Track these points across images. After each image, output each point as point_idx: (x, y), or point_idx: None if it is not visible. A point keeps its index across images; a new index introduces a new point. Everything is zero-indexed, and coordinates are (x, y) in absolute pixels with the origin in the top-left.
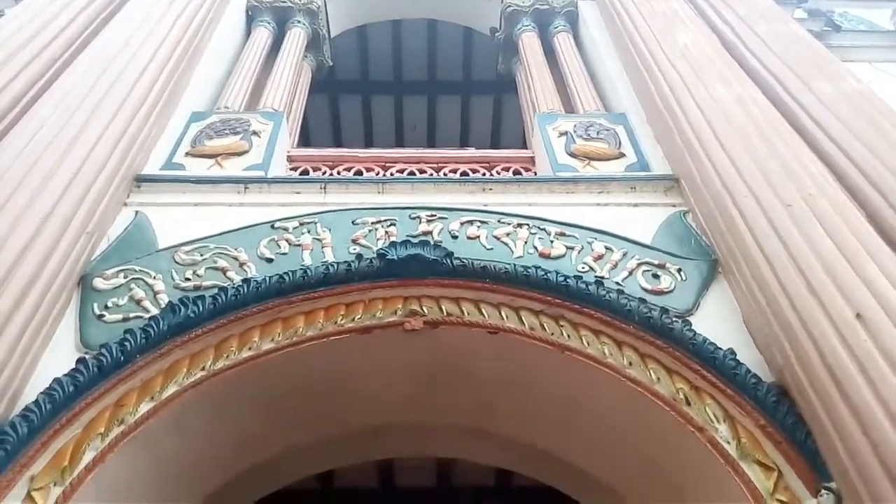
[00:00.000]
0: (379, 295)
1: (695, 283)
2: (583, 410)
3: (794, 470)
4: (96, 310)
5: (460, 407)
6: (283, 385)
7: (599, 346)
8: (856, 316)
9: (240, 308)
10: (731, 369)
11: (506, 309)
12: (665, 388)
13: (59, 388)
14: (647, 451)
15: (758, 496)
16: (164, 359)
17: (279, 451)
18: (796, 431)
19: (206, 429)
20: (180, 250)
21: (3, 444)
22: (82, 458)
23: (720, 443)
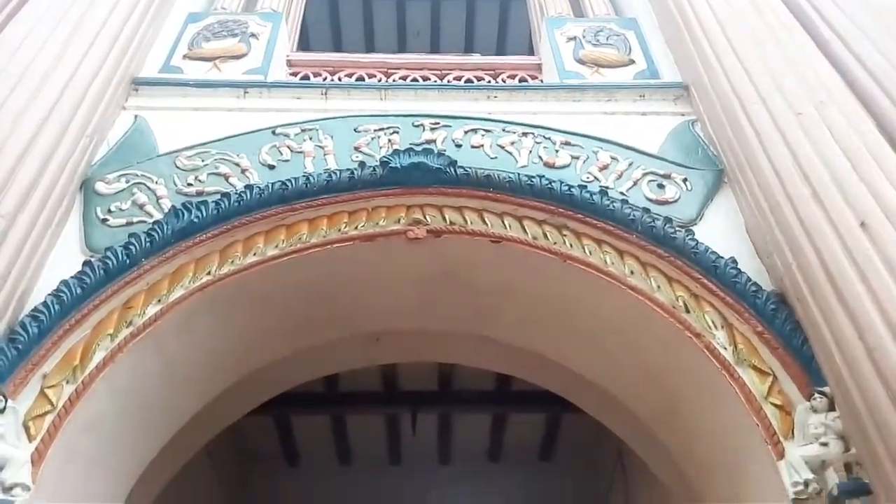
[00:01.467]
0: (382, 203)
1: (700, 194)
2: (583, 318)
3: (789, 375)
4: (99, 214)
5: (462, 314)
6: (288, 291)
7: (601, 256)
8: (860, 224)
9: (243, 214)
10: (732, 278)
11: (509, 218)
12: (665, 296)
13: (67, 290)
14: (644, 357)
15: (752, 399)
16: (170, 263)
17: (285, 354)
18: (793, 338)
19: (212, 332)
20: (181, 155)
21: (14, 343)
22: (93, 357)
23: (717, 348)
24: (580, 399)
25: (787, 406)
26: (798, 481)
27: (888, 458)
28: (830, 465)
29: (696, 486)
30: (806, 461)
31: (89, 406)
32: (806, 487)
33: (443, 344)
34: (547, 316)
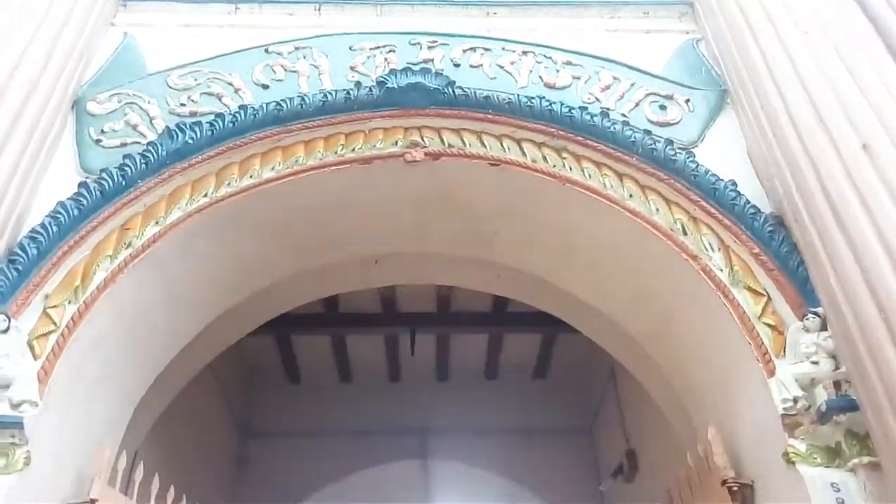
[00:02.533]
0: (379, 125)
1: (702, 115)
2: (581, 241)
3: (783, 295)
4: (93, 134)
5: (460, 237)
6: (286, 213)
7: (601, 178)
8: (862, 146)
9: (238, 135)
10: (731, 200)
11: (508, 140)
12: (663, 219)
13: (64, 211)
14: (640, 279)
15: (745, 320)
16: (166, 184)
17: (284, 276)
18: (789, 259)
19: (211, 254)
20: (173, 74)
21: (14, 264)
22: (93, 278)
23: (713, 270)
24: (575, 319)
25: (779, 326)
26: (787, 398)
27: (877, 376)
28: (820, 383)
29: (686, 402)
30: (796, 379)
31: (92, 326)
32: (795, 404)
33: (441, 266)
34: (544, 239)
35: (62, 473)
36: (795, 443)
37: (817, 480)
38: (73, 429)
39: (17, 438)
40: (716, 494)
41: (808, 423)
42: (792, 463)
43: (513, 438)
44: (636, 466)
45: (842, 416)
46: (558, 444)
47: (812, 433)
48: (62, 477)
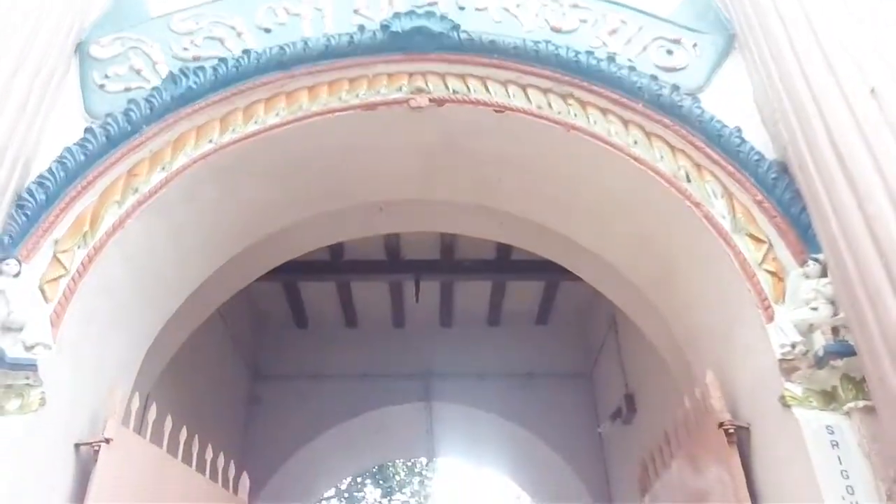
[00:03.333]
0: (383, 70)
1: (709, 59)
2: (585, 188)
3: (785, 242)
4: (97, 79)
5: (464, 184)
6: (291, 159)
7: (606, 125)
8: (870, 91)
9: (241, 80)
10: (736, 147)
11: (513, 86)
12: (667, 166)
13: (71, 156)
14: (643, 226)
15: (746, 266)
16: (171, 130)
17: (290, 223)
18: (791, 206)
19: (217, 200)
20: (175, 18)
21: (23, 209)
22: (101, 223)
23: (715, 217)
24: (577, 267)
25: (780, 272)
26: (786, 343)
27: (875, 322)
28: (818, 329)
29: (685, 348)
30: (795, 324)
31: (102, 270)
32: (793, 349)
33: (445, 214)
34: (548, 186)
35: (77, 414)
36: (792, 387)
37: (812, 423)
38: (87, 371)
39: (31, 380)
40: (712, 436)
41: (805, 367)
42: (788, 406)
43: (514, 382)
44: (634, 409)
45: (839, 361)
46: (559, 387)
47: (809, 377)
48: (77, 417)
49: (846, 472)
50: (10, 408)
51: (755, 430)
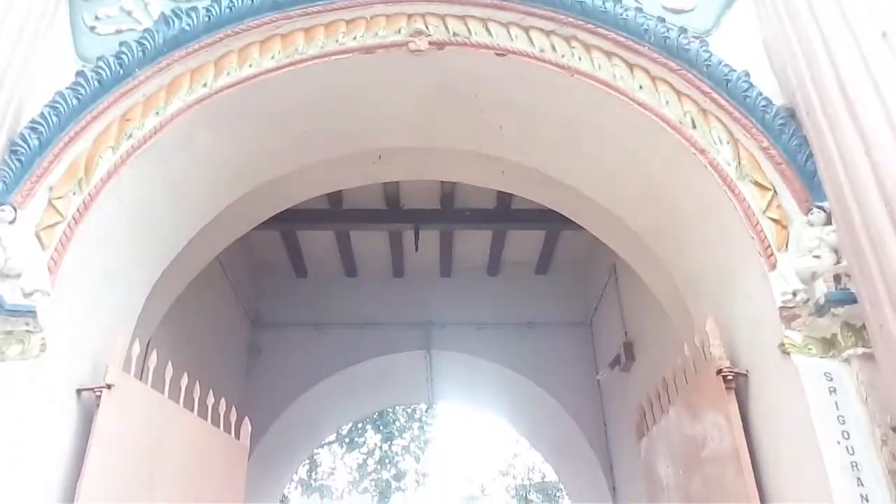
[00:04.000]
0: (381, 11)
1: (718, 1)
2: (588, 134)
3: (789, 190)
4: (87, 20)
5: (464, 131)
6: (288, 104)
7: (611, 69)
8: (881, 35)
9: (235, 22)
10: (743, 91)
11: (515, 28)
12: (673, 112)
13: (63, 101)
14: (646, 173)
15: (750, 214)
16: (164, 73)
17: (287, 170)
18: (798, 153)
19: (214, 146)
20: None
21: (16, 154)
22: (96, 169)
23: (720, 164)
24: (579, 215)
25: (783, 220)
26: (787, 291)
27: (878, 269)
28: (820, 277)
29: (686, 296)
30: (797, 272)
31: (98, 217)
32: (794, 297)
33: (444, 162)
34: (550, 132)
35: (78, 360)
36: (792, 334)
37: (811, 370)
38: (86, 317)
39: (31, 326)
40: (710, 383)
41: (805, 315)
42: (787, 353)
43: (514, 331)
44: (633, 357)
45: (840, 309)
46: (558, 336)
47: (809, 325)
48: (78, 363)
49: (842, 418)
50: (11, 353)
51: (753, 377)
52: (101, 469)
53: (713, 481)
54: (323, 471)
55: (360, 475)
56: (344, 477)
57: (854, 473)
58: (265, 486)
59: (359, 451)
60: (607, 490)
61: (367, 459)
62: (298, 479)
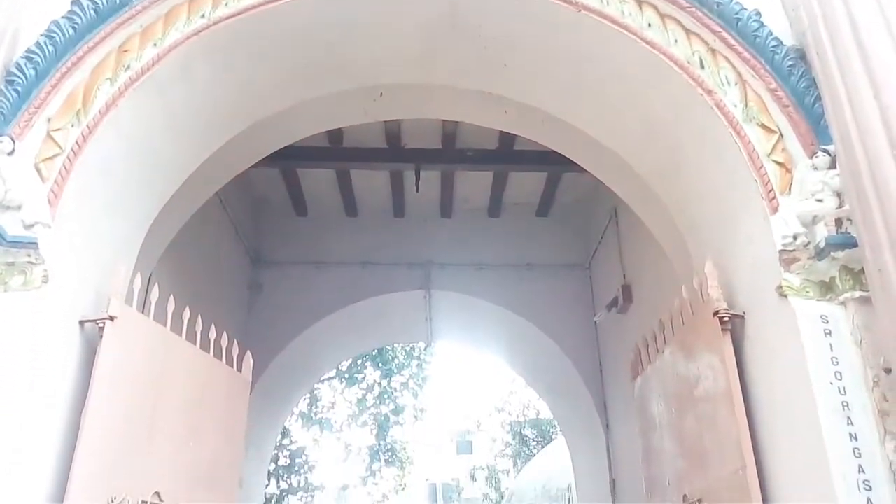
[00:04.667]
0: None
1: None
2: (593, 72)
3: (795, 133)
4: None
5: (467, 66)
6: (287, 36)
7: (619, 5)
8: None
9: None
10: (753, 31)
11: None
12: (681, 51)
13: (59, 31)
14: (652, 113)
15: (754, 157)
16: (162, 4)
17: (287, 105)
18: (806, 95)
19: (213, 79)
20: None
21: (13, 85)
22: (94, 101)
23: (727, 106)
24: (582, 157)
25: (788, 163)
26: (788, 234)
27: (880, 213)
28: (821, 220)
29: (686, 239)
30: (798, 216)
31: (97, 149)
32: (794, 240)
33: (447, 100)
34: (555, 70)
35: (80, 292)
36: (790, 277)
37: (807, 312)
38: (87, 250)
39: (33, 258)
40: (707, 324)
41: (805, 258)
42: (784, 296)
43: (513, 273)
44: (630, 300)
45: (839, 253)
46: (557, 278)
47: (808, 268)
48: (80, 296)
49: (836, 360)
50: (14, 284)
51: (750, 319)
52: (105, 400)
53: (705, 420)
54: (323, 405)
55: (360, 409)
56: (344, 411)
57: (844, 413)
58: (266, 419)
59: (358, 387)
60: (601, 427)
61: (366, 395)
62: (299, 412)
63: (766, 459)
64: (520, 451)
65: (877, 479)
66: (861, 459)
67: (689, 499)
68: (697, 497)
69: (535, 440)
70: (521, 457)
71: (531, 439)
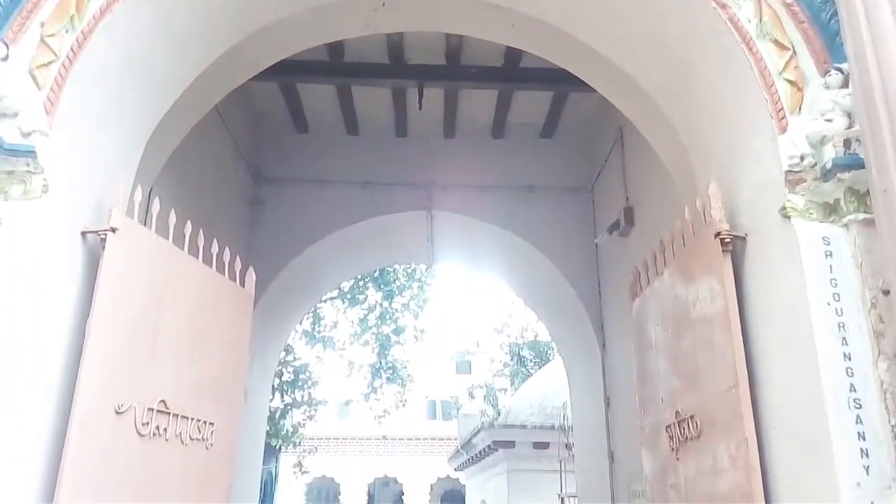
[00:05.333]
0: None
1: None
2: None
3: (809, 50)
4: None
5: None
6: None
7: None
8: None
9: None
10: None
11: None
12: None
13: None
14: (663, 28)
15: (766, 75)
16: None
17: (286, 14)
18: (822, 11)
19: None
20: None
21: None
22: (88, 7)
23: (740, 21)
24: (588, 74)
25: (799, 82)
26: (795, 155)
27: (890, 134)
28: (830, 141)
29: (692, 160)
30: (807, 136)
31: (92, 57)
32: (801, 161)
33: (451, 11)
34: None
35: (81, 203)
36: (795, 198)
37: (810, 233)
38: (86, 161)
39: (32, 167)
40: (708, 246)
41: (811, 179)
42: (788, 217)
43: (515, 195)
44: (632, 223)
45: (845, 174)
46: (559, 201)
47: (813, 189)
48: (81, 206)
49: (835, 281)
50: (14, 193)
51: (751, 241)
52: (110, 310)
53: (702, 340)
54: (326, 324)
55: (362, 329)
56: (346, 330)
57: (840, 333)
58: (270, 334)
59: (360, 307)
60: (597, 347)
61: (367, 315)
62: (303, 330)
63: (758, 379)
64: (517, 372)
65: (867, 398)
66: (853, 378)
67: (682, 415)
68: (689, 413)
69: (533, 361)
70: (518, 377)
71: (529, 360)
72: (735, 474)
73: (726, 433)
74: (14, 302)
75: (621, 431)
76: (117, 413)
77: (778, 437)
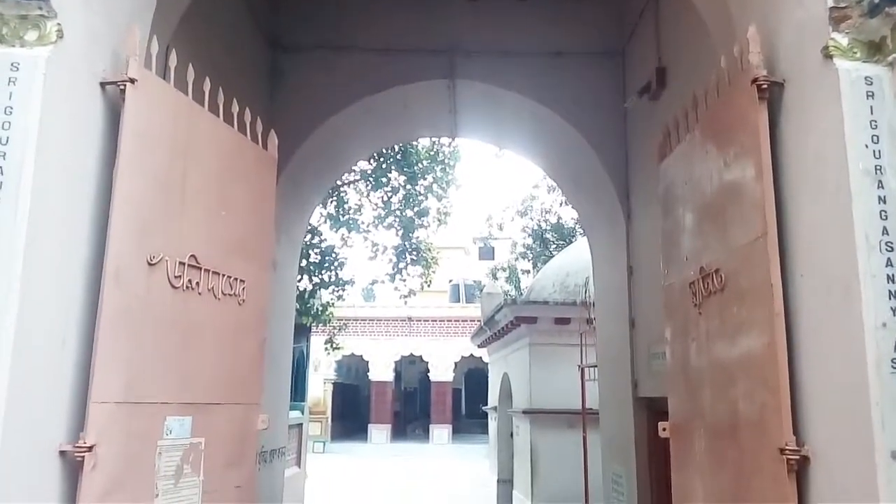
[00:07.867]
0: None
1: None
2: None
3: None
4: None
5: None
6: None
7: None
8: None
9: None
10: None
11: None
12: None
13: None
14: None
15: None
16: None
17: None
18: None
19: None
20: None
21: None
22: None
23: None
24: None
25: None
26: None
27: None
28: None
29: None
30: None
31: None
32: None
33: None
34: None
35: (97, 51)
36: (838, 36)
37: (852, 73)
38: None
39: (44, 10)
40: (744, 94)
41: (856, 16)
42: (830, 57)
43: (541, 61)
44: (664, 84)
45: (894, 8)
46: (587, 67)
47: (858, 27)
48: (98, 55)
49: (875, 123)
50: (29, 38)
51: (789, 87)
52: (136, 162)
53: (731, 192)
54: (350, 207)
55: (385, 212)
56: (370, 213)
57: (877, 176)
58: (295, 207)
59: (383, 190)
60: (622, 216)
61: (391, 197)
62: (327, 213)
63: (788, 227)
64: (540, 254)
65: None
66: (887, 222)
67: (707, 270)
68: (715, 268)
69: (556, 244)
70: (540, 259)
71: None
72: (759, 322)
73: (751, 282)
74: (43, 148)
75: (643, 299)
76: (150, 264)
77: (803, 284)
